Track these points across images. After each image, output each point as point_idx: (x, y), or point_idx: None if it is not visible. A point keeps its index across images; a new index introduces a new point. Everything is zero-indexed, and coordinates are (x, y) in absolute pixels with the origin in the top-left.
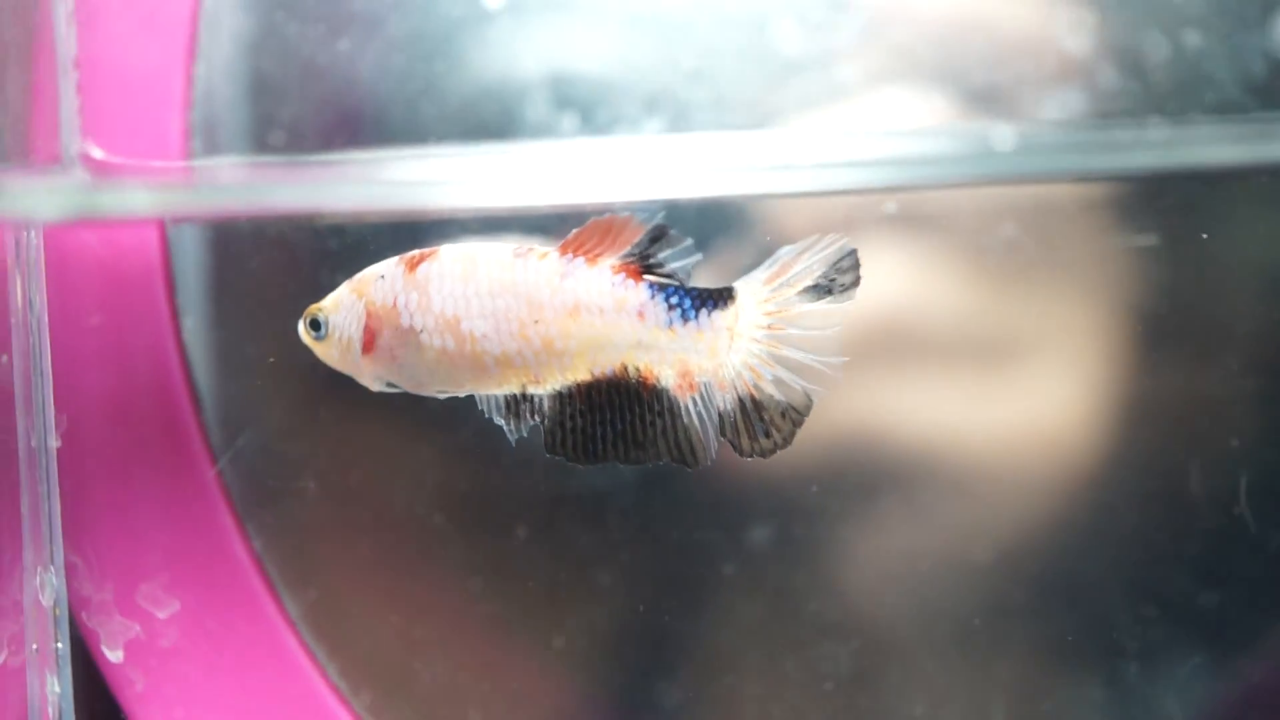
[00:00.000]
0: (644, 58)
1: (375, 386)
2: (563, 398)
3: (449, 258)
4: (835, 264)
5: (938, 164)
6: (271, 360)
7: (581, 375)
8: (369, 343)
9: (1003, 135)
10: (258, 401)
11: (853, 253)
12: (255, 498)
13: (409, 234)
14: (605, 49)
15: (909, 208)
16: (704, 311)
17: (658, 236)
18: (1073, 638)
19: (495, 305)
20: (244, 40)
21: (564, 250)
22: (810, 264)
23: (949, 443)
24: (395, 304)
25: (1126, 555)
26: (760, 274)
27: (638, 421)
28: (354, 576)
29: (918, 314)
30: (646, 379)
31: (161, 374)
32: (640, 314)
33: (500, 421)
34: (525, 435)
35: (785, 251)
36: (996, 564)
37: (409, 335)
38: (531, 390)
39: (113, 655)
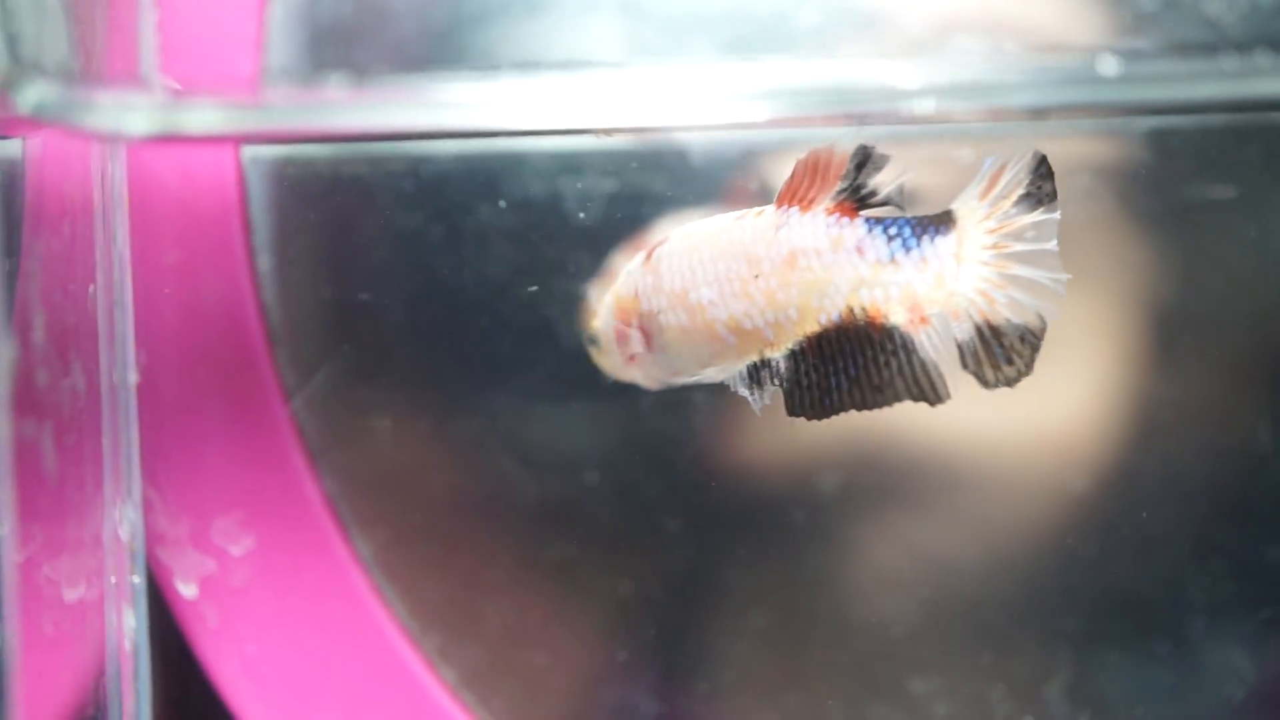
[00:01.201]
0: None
1: (654, 385)
2: (796, 355)
3: (677, 236)
4: (1036, 170)
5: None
6: (363, 298)
7: (811, 327)
8: (621, 337)
9: (1106, 61)
10: (331, 342)
11: (1045, 158)
12: (328, 438)
13: (483, 175)
14: None
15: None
16: (926, 238)
17: (863, 161)
18: (1089, 634)
19: (717, 269)
20: None
21: (779, 202)
22: (1016, 173)
23: (964, 440)
24: (636, 293)
25: (1142, 552)
26: (974, 190)
27: (871, 364)
28: (425, 519)
29: None
30: (875, 318)
31: (236, 313)
32: (859, 250)
33: (745, 394)
34: (769, 403)
35: (990, 164)
36: (1012, 561)
37: (650, 320)
38: (769, 355)
39: (186, 591)
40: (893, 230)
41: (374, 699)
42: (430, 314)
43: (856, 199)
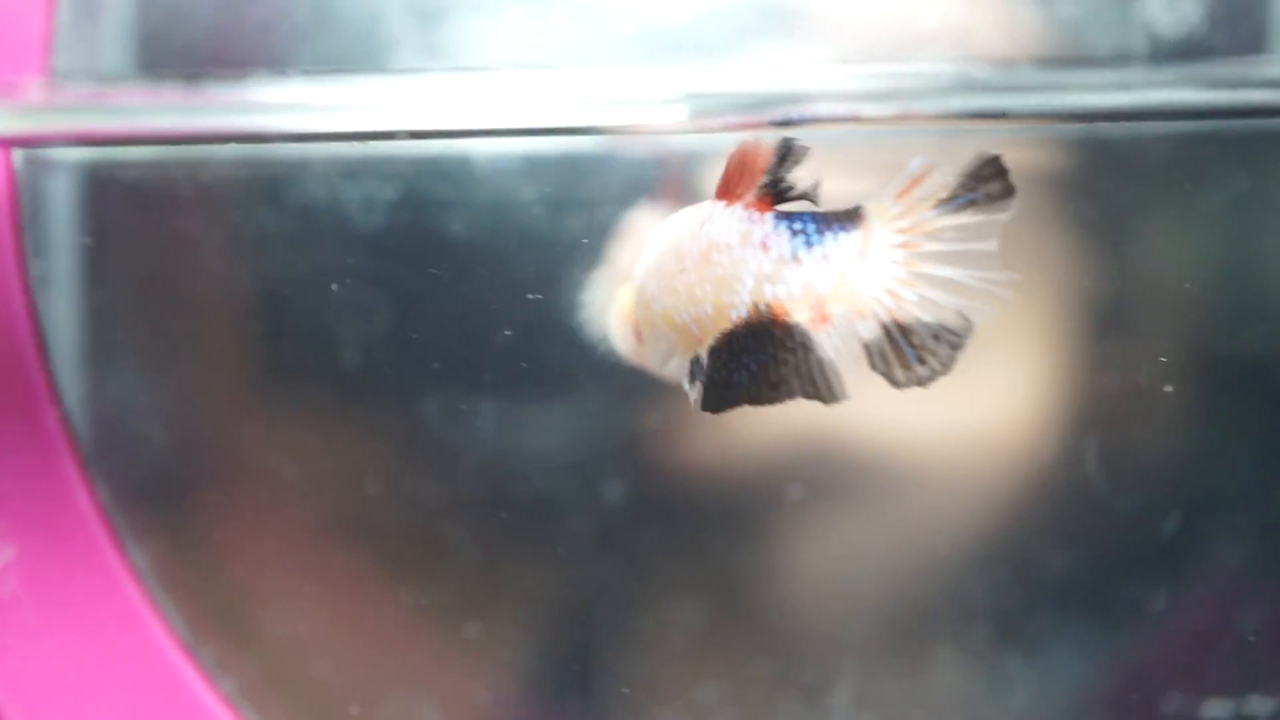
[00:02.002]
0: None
1: (666, 371)
2: (714, 351)
3: (656, 230)
4: (974, 173)
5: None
6: (139, 303)
7: (724, 323)
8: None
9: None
10: (105, 348)
11: (995, 159)
12: (102, 446)
13: (264, 180)
14: None
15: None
16: (830, 235)
17: (784, 155)
18: (1029, 631)
19: (658, 263)
20: None
21: (715, 196)
22: (949, 175)
23: (905, 441)
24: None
25: (1078, 550)
26: (890, 189)
27: (770, 362)
28: (202, 529)
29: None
30: (778, 316)
31: (5, 316)
32: (764, 245)
33: (687, 389)
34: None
35: (915, 164)
36: (954, 559)
37: (627, 314)
38: (699, 351)
39: None
40: (797, 226)
41: (148, 711)
42: (207, 320)
43: (775, 194)
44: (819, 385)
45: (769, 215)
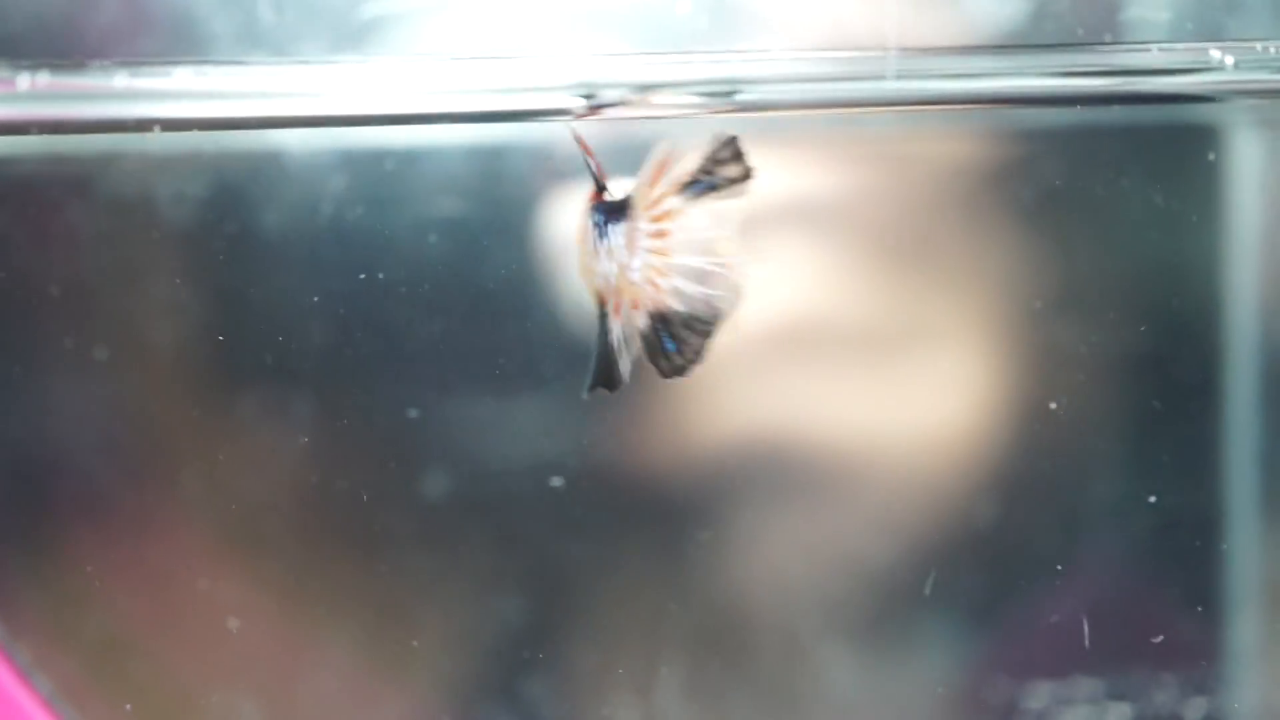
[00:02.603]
0: None
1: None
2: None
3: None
4: (712, 156)
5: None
6: None
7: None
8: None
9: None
10: None
11: (732, 140)
12: None
13: (72, 176)
14: None
15: (802, 202)
16: (609, 227)
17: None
18: (973, 629)
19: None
20: None
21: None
22: (692, 158)
23: (851, 439)
24: None
25: (1027, 546)
26: (644, 175)
27: (594, 351)
28: (17, 526)
29: (817, 312)
30: (600, 306)
31: None
32: (580, 239)
33: None
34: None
35: (661, 149)
36: (900, 557)
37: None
38: None
39: None
40: (596, 219)
41: None
42: (12, 318)
43: (598, 186)
44: (603, 373)
45: (591, 207)
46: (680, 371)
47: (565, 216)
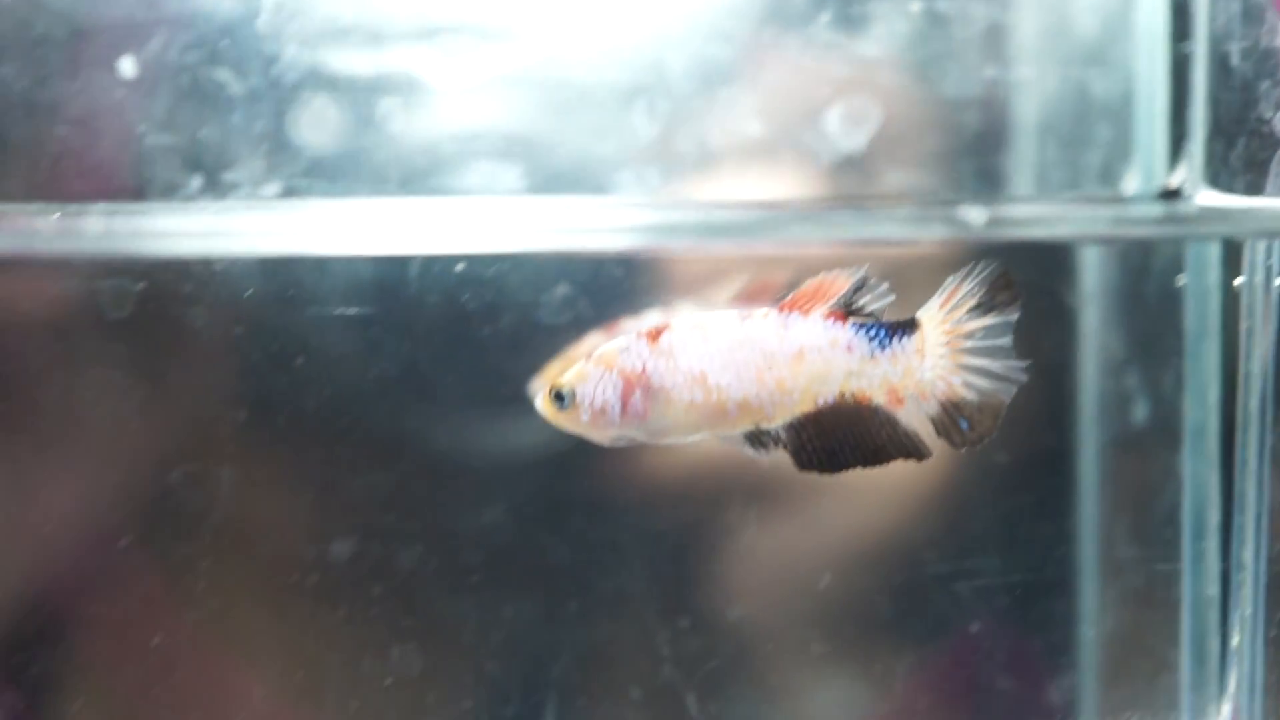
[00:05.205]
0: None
1: (616, 443)
2: (796, 427)
3: (683, 327)
4: (991, 285)
5: None
6: None
7: (807, 407)
8: (625, 406)
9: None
10: None
11: (1005, 273)
12: None
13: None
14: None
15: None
16: (896, 338)
17: (860, 286)
18: (935, 633)
19: (734, 358)
20: None
21: (782, 308)
22: (972, 288)
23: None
24: (644, 369)
25: (985, 552)
26: (935, 301)
27: (865, 433)
28: None
29: None
30: (861, 400)
31: None
32: (849, 348)
33: (750, 452)
34: (773, 460)
35: (951, 280)
36: (865, 563)
37: (660, 393)
38: (765, 426)
39: None
40: (873, 333)
41: None
42: None
43: (846, 310)
44: (909, 448)
45: (849, 324)
46: (976, 443)
47: None
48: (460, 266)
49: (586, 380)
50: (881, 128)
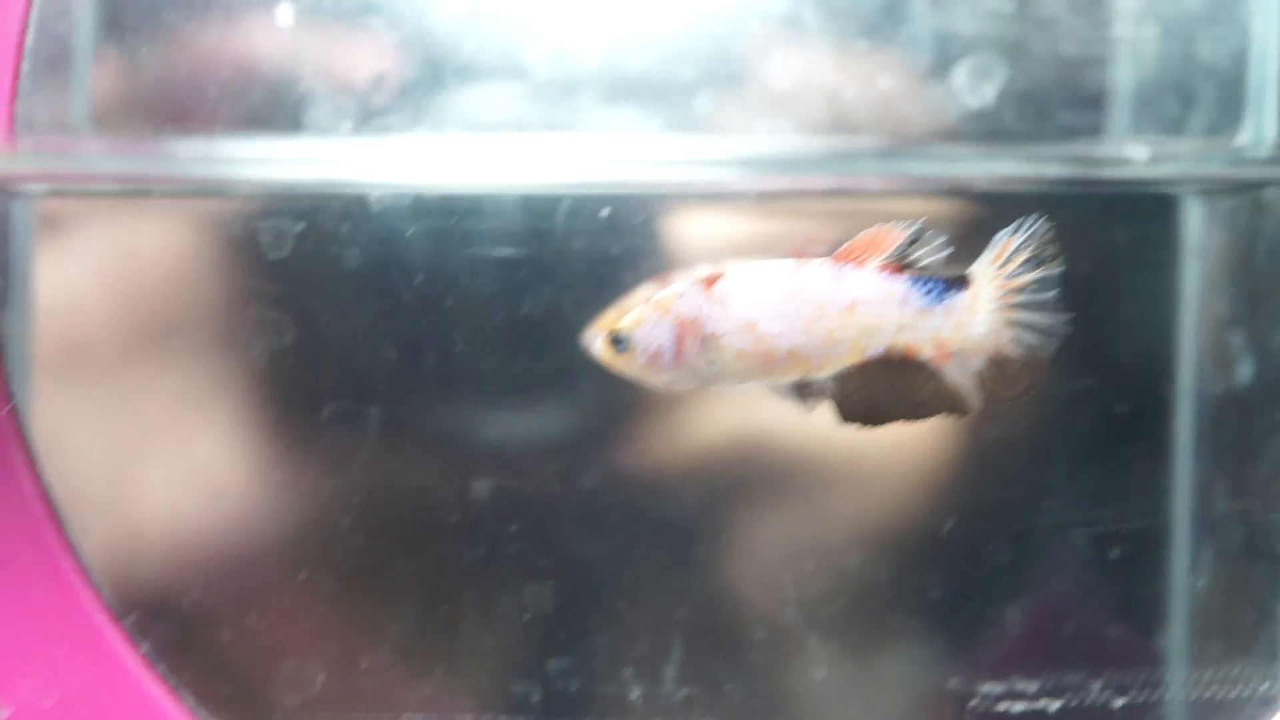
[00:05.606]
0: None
1: (672, 388)
2: (842, 378)
3: (737, 275)
4: (1040, 239)
5: None
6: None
7: (855, 358)
8: (678, 351)
9: None
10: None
11: (1049, 226)
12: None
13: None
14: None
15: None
16: (950, 293)
17: (915, 239)
18: (948, 626)
19: (785, 308)
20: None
21: (836, 259)
22: (1022, 242)
23: (820, 444)
24: (698, 316)
25: (988, 545)
26: (987, 257)
27: (910, 387)
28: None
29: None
30: (910, 354)
31: None
32: (903, 301)
33: (793, 402)
34: (814, 409)
35: (1000, 236)
36: (871, 556)
37: (712, 340)
38: (812, 376)
39: None
40: (927, 287)
41: (72, 669)
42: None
43: (901, 262)
44: (953, 403)
45: (903, 278)
46: (1017, 398)
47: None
48: (606, 211)
49: (643, 325)
50: (1007, 82)
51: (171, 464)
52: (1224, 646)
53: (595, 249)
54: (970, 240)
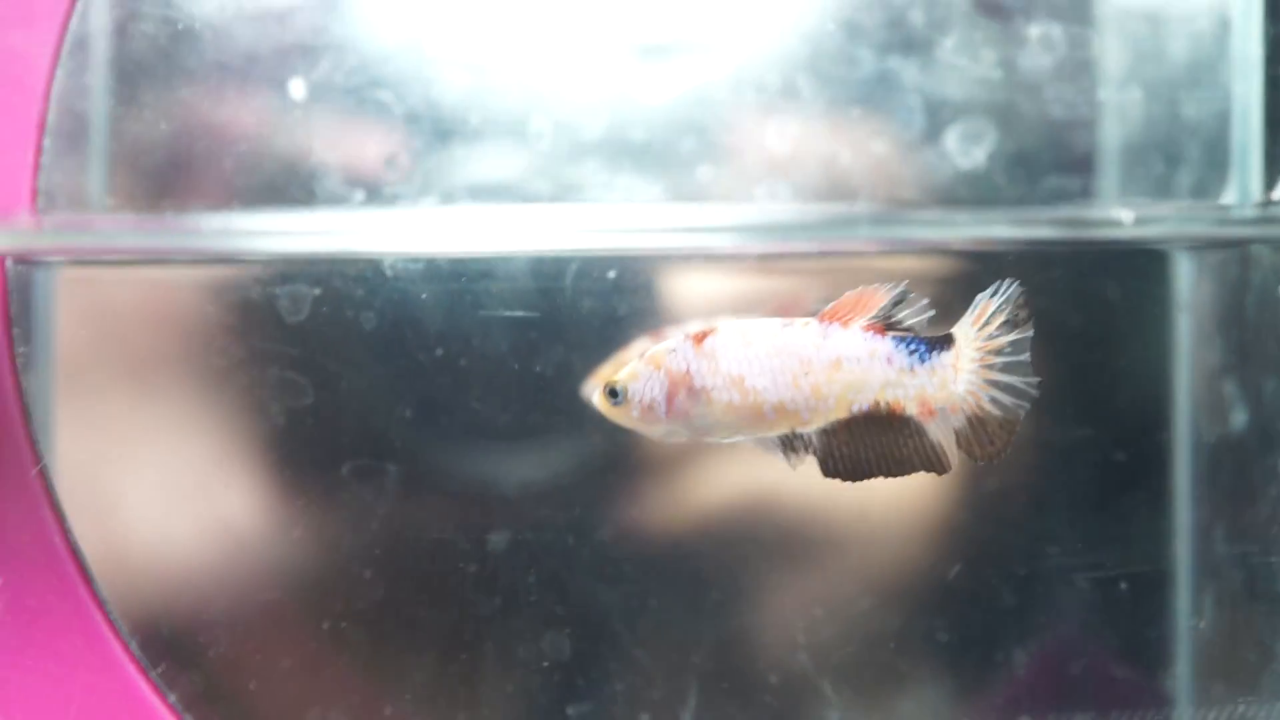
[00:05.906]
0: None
1: (667, 439)
2: (828, 433)
3: (727, 331)
4: (1015, 302)
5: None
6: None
7: (841, 414)
8: (670, 403)
9: None
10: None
11: (1021, 290)
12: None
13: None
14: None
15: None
16: (934, 353)
17: (899, 300)
18: (957, 670)
19: (772, 364)
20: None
21: (822, 318)
22: (1000, 305)
23: (827, 501)
24: (688, 370)
25: (995, 591)
26: (968, 319)
27: (893, 443)
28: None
29: None
30: (895, 411)
31: None
32: (888, 360)
33: (779, 457)
34: (801, 466)
35: (981, 297)
36: (878, 608)
37: (702, 394)
38: (799, 430)
39: None
40: (912, 346)
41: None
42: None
43: (886, 323)
44: (933, 461)
45: (888, 337)
46: (993, 459)
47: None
48: (612, 273)
49: (637, 379)
50: (997, 146)
51: (197, 521)
52: (1227, 686)
53: (602, 309)
54: (965, 295)
